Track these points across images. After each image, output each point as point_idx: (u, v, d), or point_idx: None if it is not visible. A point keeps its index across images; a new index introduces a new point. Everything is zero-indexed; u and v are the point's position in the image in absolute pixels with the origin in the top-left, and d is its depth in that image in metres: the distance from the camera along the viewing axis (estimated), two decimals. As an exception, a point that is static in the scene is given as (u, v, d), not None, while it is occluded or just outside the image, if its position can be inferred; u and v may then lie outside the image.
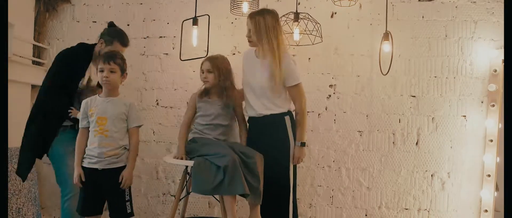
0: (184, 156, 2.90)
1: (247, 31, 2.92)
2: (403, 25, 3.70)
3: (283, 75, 2.82)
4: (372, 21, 3.73)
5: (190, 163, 2.79)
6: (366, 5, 3.73)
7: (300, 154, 2.89)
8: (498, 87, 3.53)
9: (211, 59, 3.04)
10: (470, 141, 3.61)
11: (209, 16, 3.55)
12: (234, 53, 3.81)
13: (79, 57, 3.03)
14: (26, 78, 3.74)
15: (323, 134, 3.74)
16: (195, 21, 3.53)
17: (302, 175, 3.70)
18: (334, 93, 3.75)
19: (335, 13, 3.75)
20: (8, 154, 3.38)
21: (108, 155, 2.61)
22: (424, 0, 3.66)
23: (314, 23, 3.48)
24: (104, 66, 2.63)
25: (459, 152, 3.62)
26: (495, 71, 3.56)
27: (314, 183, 3.74)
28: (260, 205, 2.82)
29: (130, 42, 3.12)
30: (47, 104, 2.93)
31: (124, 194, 2.66)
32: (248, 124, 3.06)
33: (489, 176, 3.50)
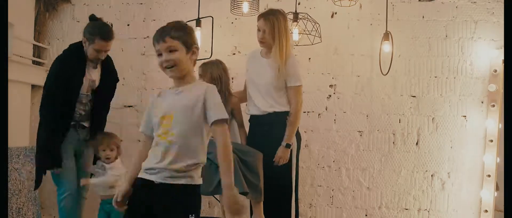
0: None
1: (260, 32, 2.91)
2: (403, 25, 3.70)
3: (286, 73, 2.84)
4: (372, 21, 3.73)
5: None
6: (366, 5, 3.73)
7: (283, 154, 2.85)
8: (498, 87, 3.53)
9: (203, 65, 3.02)
10: (470, 141, 3.61)
11: (212, 17, 3.54)
12: (234, 53, 3.80)
13: (70, 57, 2.87)
14: (26, 78, 3.74)
15: (323, 134, 3.74)
16: (198, 22, 3.53)
17: (302, 175, 3.69)
18: (334, 93, 3.75)
19: (335, 13, 3.75)
20: (8, 154, 3.38)
21: (173, 168, 1.78)
22: (424, 0, 3.65)
23: (313, 23, 3.48)
24: (159, 47, 1.85)
25: (459, 152, 3.62)
26: (495, 71, 3.55)
27: (314, 183, 3.74)
28: (262, 202, 2.82)
29: (130, 41, 3.04)
30: (45, 117, 2.84)
31: None
32: (249, 123, 3.06)
33: (489, 176, 3.50)
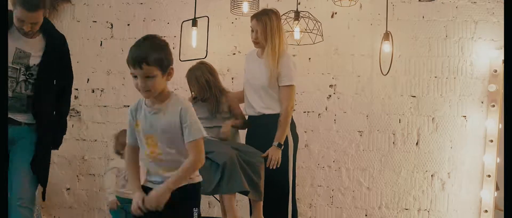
0: None
1: (253, 33, 2.91)
2: (404, 25, 3.70)
3: (278, 72, 2.84)
4: (373, 21, 3.73)
5: None
6: (367, 5, 3.73)
7: (275, 154, 2.81)
8: (498, 87, 3.53)
9: (188, 71, 3.02)
10: (470, 141, 3.60)
11: (208, 17, 3.54)
12: (234, 53, 3.80)
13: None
14: (26, 77, 3.73)
15: (323, 134, 3.73)
16: (194, 22, 3.53)
17: (302, 175, 3.69)
18: (334, 93, 3.75)
19: (336, 13, 3.75)
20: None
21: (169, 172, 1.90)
22: (424, 0, 3.66)
23: (314, 22, 3.48)
24: (135, 72, 1.81)
25: (459, 152, 3.62)
26: (495, 71, 3.55)
27: (314, 183, 3.74)
28: (261, 202, 2.82)
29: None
30: None
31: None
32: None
33: (489, 176, 3.50)
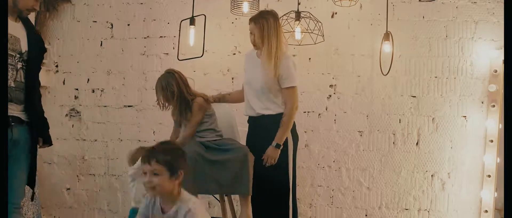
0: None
1: (251, 36, 2.90)
2: (404, 25, 3.70)
3: (278, 74, 2.82)
4: (373, 21, 3.73)
5: None
6: (367, 5, 3.73)
7: (272, 154, 2.81)
8: (498, 87, 3.53)
9: (158, 79, 2.97)
10: (470, 142, 3.61)
11: (205, 16, 3.54)
12: (234, 53, 3.80)
13: None
14: (26, 77, 3.74)
15: (323, 134, 3.73)
16: (192, 21, 3.53)
17: (302, 175, 3.69)
18: (334, 93, 3.75)
19: (336, 13, 3.75)
20: (8, 153, 3.37)
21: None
22: (424, 0, 3.66)
23: (315, 22, 3.48)
24: (144, 168, 1.95)
25: (460, 152, 3.62)
26: (496, 71, 3.55)
27: (314, 183, 3.74)
28: (249, 198, 2.82)
29: (130, 41, 2.96)
30: None
31: None
32: (248, 124, 3.05)
33: (489, 176, 3.50)
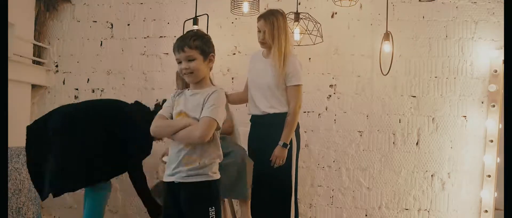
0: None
1: (261, 33, 2.90)
2: (404, 25, 3.70)
3: (285, 72, 2.83)
4: (373, 21, 3.73)
5: None
6: (367, 5, 3.73)
7: (280, 154, 2.81)
8: (498, 87, 3.53)
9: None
10: (470, 141, 3.61)
11: (208, 15, 3.55)
12: (234, 53, 3.81)
13: None
14: (27, 78, 3.74)
15: (323, 134, 3.74)
16: (195, 21, 3.54)
17: (302, 175, 3.69)
18: (334, 93, 3.75)
19: (336, 13, 3.75)
20: (8, 153, 3.38)
21: (187, 165, 2.05)
22: (424, 0, 3.66)
23: (314, 23, 3.48)
24: (179, 56, 2.06)
25: (459, 152, 3.62)
26: (496, 71, 3.55)
27: (314, 183, 3.74)
28: (249, 202, 2.82)
29: (130, 41, 3.01)
30: None
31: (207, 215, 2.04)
32: (250, 123, 3.05)
33: (489, 176, 3.50)
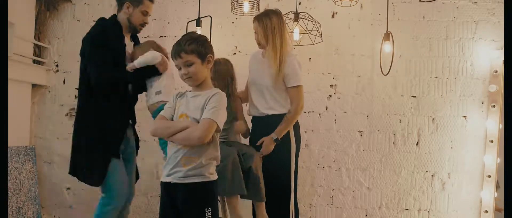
0: None
1: (256, 35, 2.92)
2: (404, 25, 3.70)
3: (283, 74, 2.83)
4: (373, 21, 3.73)
5: None
6: (367, 5, 3.73)
7: (268, 145, 2.82)
8: (498, 88, 3.53)
9: (214, 64, 2.95)
10: (470, 142, 3.61)
11: (211, 17, 3.54)
12: (235, 53, 3.80)
13: (108, 33, 2.73)
14: (27, 77, 3.74)
15: (323, 134, 3.74)
16: (198, 22, 3.53)
17: (302, 175, 3.69)
18: (334, 93, 3.75)
19: (336, 13, 3.75)
20: (8, 153, 3.38)
21: (186, 166, 2.06)
22: (425, 1, 3.65)
23: (314, 22, 3.48)
24: (177, 62, 2.07)
25: (460, 152, 3.62)
26: (496, 72, 3.55)
27: (314, 183, 3.74)
28: (264, 202, 2.81)
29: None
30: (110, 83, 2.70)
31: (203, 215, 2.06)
32: (252, 123, 3.05)
33: (489, 176, 3.50)
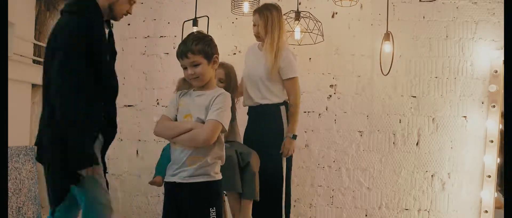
0: None
1: (255, 27, 2.98)
2: (404, 25, 3.70)
3: (279, 66, 2.89)
4: (373, 21, 3.73)
5: None
6: (367, 5, 3.73)
7: (290, 145, 2.91)
8: (498, 88, 3.53)
9: (225, 67, 2.91)
10: (470, 142, 3.61)
11: (208, 17, 3.55)
12: (235, 53, 3.80)
13: (93, 31, 2.17)
14: (27, 77, 3.74)
15: (323, 134, 3.73)
16: (195, 22, 3.54)
17: (302, 175, 3.70)
18: (334, 93, 3.75)
19: (336, 13, 3.75)
20: (8, 153, 3.38)
21: (191, 165, 2.05)
22: (425, 1, 3.65)
23: (315, 21, 3.48)
24: (183, 63, 2.06)
25: (460, 152, 3.62)
26: (496, 72, 3.55)
27: (314, 183, 3.74)
28: (252, 200, 2.82)
29: (130, 41, 3.00)
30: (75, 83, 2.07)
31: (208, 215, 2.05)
32: (247, 115, 3.09)
33: (489, 176, 3.50)
